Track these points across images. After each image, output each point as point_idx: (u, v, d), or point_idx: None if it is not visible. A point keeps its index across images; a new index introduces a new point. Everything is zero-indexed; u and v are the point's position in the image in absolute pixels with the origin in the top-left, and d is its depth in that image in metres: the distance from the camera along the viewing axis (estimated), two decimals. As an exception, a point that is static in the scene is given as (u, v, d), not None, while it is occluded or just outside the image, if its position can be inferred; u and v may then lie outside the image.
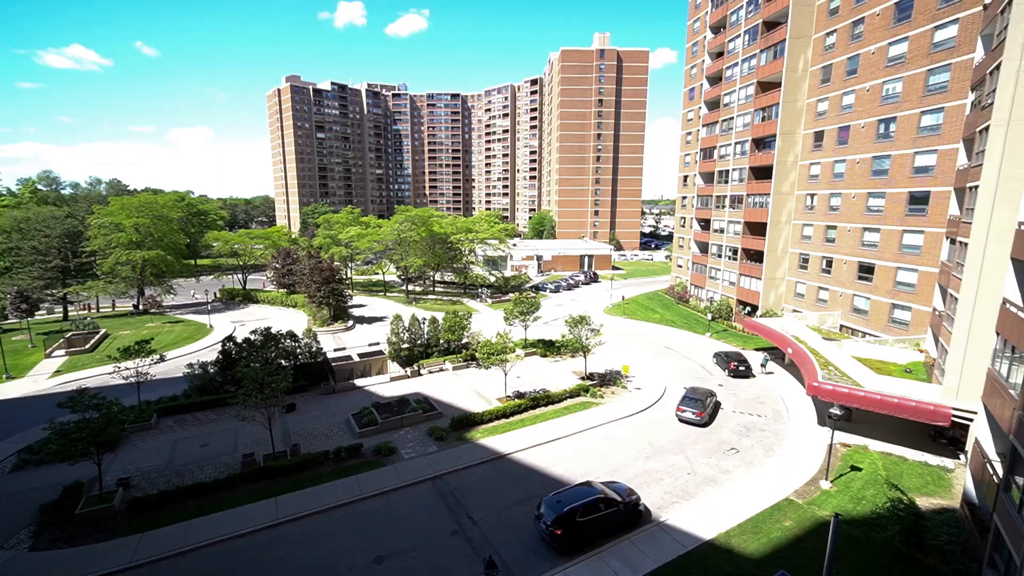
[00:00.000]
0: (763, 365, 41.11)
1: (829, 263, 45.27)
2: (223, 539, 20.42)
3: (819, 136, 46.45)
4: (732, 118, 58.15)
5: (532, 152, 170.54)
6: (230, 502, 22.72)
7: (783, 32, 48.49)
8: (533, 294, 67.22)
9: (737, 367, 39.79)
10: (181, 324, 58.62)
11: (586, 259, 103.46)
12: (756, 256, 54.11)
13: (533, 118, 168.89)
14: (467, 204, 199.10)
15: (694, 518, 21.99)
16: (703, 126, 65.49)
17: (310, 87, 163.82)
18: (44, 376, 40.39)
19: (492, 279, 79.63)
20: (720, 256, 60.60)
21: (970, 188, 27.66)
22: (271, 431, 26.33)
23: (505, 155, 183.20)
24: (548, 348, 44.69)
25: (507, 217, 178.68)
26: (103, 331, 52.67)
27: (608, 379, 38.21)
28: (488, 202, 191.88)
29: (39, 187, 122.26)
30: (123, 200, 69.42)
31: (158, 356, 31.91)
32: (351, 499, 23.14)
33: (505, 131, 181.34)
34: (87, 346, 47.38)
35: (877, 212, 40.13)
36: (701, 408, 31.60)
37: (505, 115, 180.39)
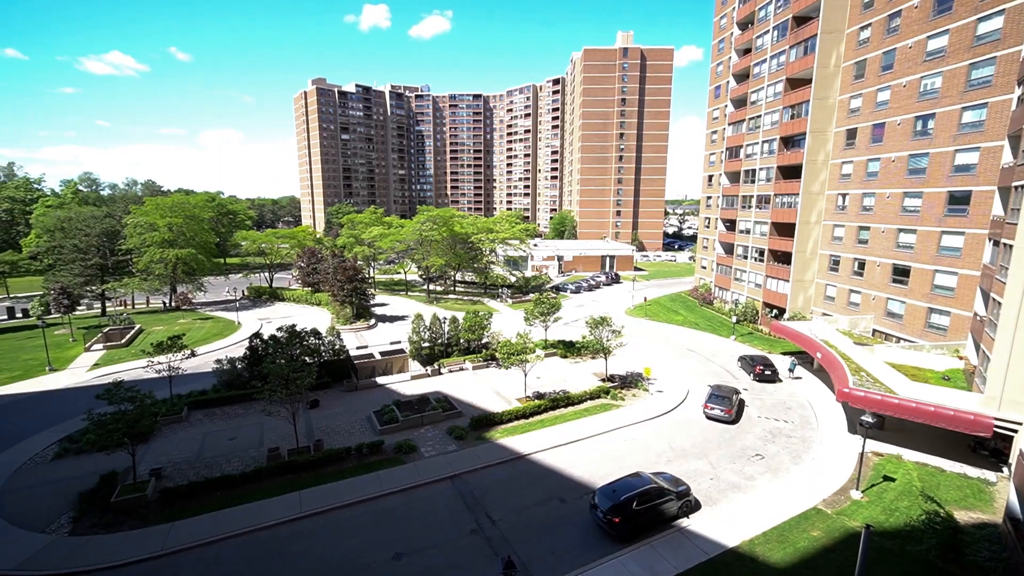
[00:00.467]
0: (790, 370, 39.97)
1: (861, 265, 43.71)
2: (249, 531, 20.95)
3: (852, 134, 44.90)
4: (759, 116, 56.74)
5: (554, 152, 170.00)
6: (256, 494, 23.28)
7: (814, 27, 47.06)
8: (553, 294, 66.96)
9: (763, 371, 38.79)
10: (211, 321, 60.48)
11: (607, 260, 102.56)
12: (784, 258, 52.66)
13: (555, 118, 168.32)
14: (488, 204, 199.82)
15: (717, 525, 21.51)
16: (729, 124, 64.10)
17: (335, 89, 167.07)
18: (83, 369, 42.21)
19: (512, 279, 79.64)
20: (746, 257, 59.21)
21: (1016, 187, 26.28)
22: (295, 426, 26.89)
23: (526, 155, 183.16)
24: (568, 349, 44.42)
25: (528, 217, 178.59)
26: (138, 326, 54.77)
27: (629, 381, 37.75)
28: (509, 202, 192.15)
29: (80, 188, 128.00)
30: (157, 200, 72.07)
31: (189, 351, 33.06)
32: (372, 495, 23.44)
33: (527, 131, 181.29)
34: (123, 341, 49.33)
35: (913, 212, 38.54)
36: (729, 405, 31.82)
37: (527, 115, 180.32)
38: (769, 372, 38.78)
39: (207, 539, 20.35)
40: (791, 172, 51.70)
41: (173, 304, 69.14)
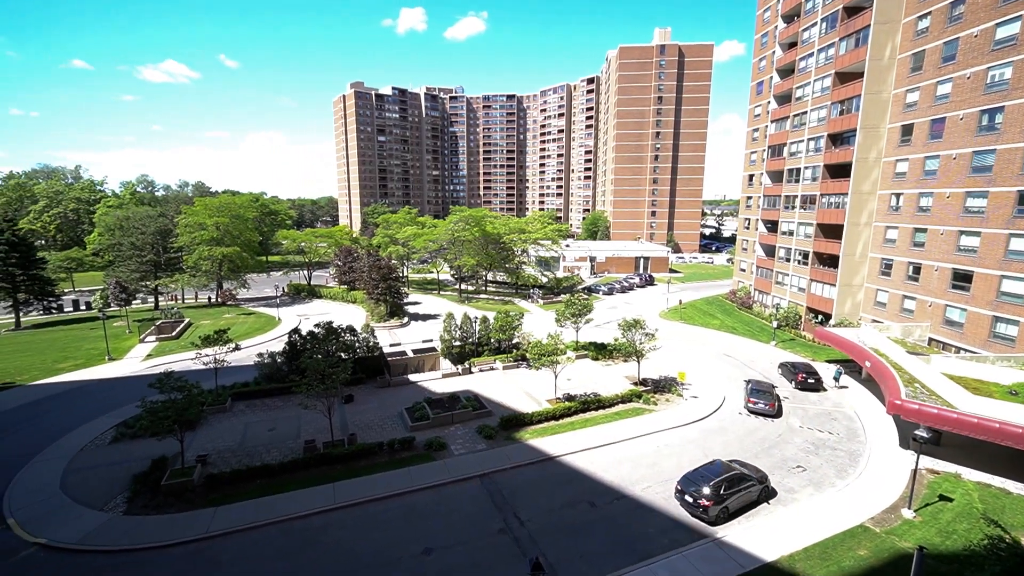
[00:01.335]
0: (836, 378, 38.03)
1: (917, 270, 41.09)
2: (286, 519, 21.68)
3: (907, 130, 42.28)
4: (805, 112, 54.28)
5: (587, 152, 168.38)
6: (293, 484, 24.08)
7: (867, 17, 44.59)
8: (585, 296, 66.17)
9: (805, 379, 37.05)
10: (253, 316, 63.12)
11: (641, 261, 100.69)
12: (830, 261, 50.17)
13: (589, 117, 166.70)
14: (520, 205, 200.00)
15: (754, 537, 20.65)
16: (772, 122, 61.63)
17: (372, 92, 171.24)
18: (138, 359, 44.90)
19: (544, 280, 79.34)
20: (788, 260, 56.78)
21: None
22: (330, 420, 27.65)
23: (560, 155, 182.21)
24: (600, 351, 43.82)
25: (560, 218, 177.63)
26: (187, 320, 57.79)
27: (663, 386, 36.85)
28: (542, 203, 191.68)
29: (137, 189, 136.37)
30: (206, 201, 75.91)
31: (234, 345, 34.52)
32: (403, 490, 23.80)
33: (560, 131, 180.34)
34: (173, 333, 52.15)
35: (977, 214, 35.89)
36: (772, 400, 33.00)
37: (560, 115, 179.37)
38: (812, 380, 37.00)
39: (248, 525, 21.19)
40: (839, 171, 49.20)
41: (219, 299, 72.59)
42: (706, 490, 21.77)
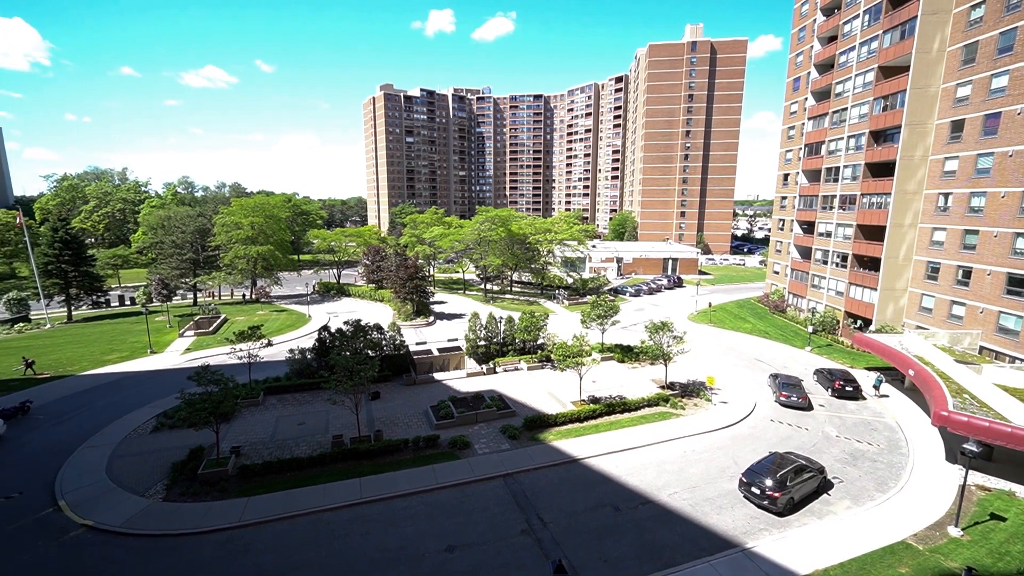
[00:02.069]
0: (875, 387, 36.33)
1: (967, 274, 38.84)
2: (315, 511, 22.20)
3: (958, 126, 40.02)
4: (845, 109, 52.11)
5: (615, 151, 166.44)
6: (321, 478, 24.64)
7: (914, 8, 42.43)
8: (612, 297, 65.42)
9: (843, 387, 35.54)
10: (285, 313, 65.00)
11: (670, 262, 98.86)
12: (871, 264, 48.00)
13: (617, 116, 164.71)
14: (547, 205, 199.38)
15: (786, 549, 19.90)
16: (809, 119, 59.45)
17: (401, 94, 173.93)
18: (177, 353, 46.87)
19: (569, 280, 78.78)
20: (825, 263, 54.62)
21: None
22: (357, 416, 28.17)
23: (587, 155, 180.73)
24: (626, 354, 43.17)
25: (587, 218, 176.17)
26: (223, 316, 59.98)
27: (691, 390, 36.01)
28: (568, 203, 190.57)
29: (179, 190, 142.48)
30: (242, 201, 78.64)
31: (266, 341, 35.64)
32: (427, 488, 24.01)
33: (587, 130, 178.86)
34: (210, 328, 54.22)
35: (1035, 214, 33.64)
36: (803, 392, 34.14)
37: (588, 114, 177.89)
38: (851, 388, 35.45)
39: (279, 516, 21.79)
40: (881, 169, 47.01)
41: (253, 296, 75.11)
42: (773, 481, 22.23)
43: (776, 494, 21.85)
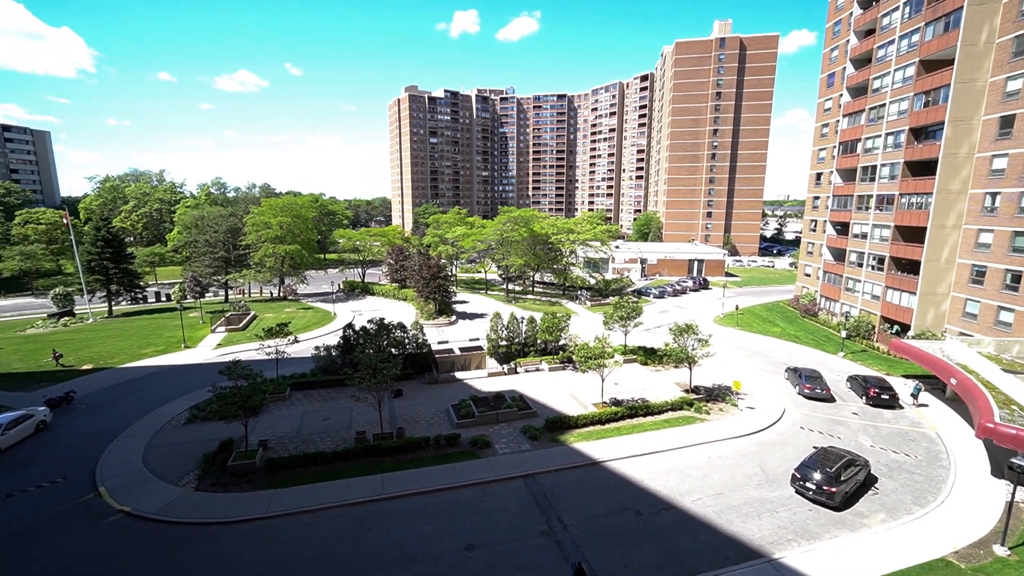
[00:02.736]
0: (914, 395, 34.76)
1: (1016, 278, 36.77)
2: (339, 505, 22.60)
3: (1007, 121, 37.93)
4: (883, 105, 50.06)
5: (640, 151, 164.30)
6: (344, 472, 25.05)
7: (959, -1, 40.44)
8: (635, 299, 64.53)
9: (878, 394, 34.12)
10: (311, 310, 66.48)
11: (695, 264, 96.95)
12: (909, 266, 45.99)
13: (642, 115, 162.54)
14: (569, 205, 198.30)
15: (815, 562, 19.19)
16: (844, 116, 57.37)
17: (425, 96, 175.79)
18: (209, 348, 48.47)
19: (592, 281, 78.10)
20: (860, 265, 52.60)
21: None
22: (380, 413, 28.55)
23: (611, 155, 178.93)
24: (649, 356, 42.49)
25: (610, 219, 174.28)
26: (252, 313, 61.75)
27: (716, 394, 35.18)
28: (591, 203, 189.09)
29: (212, 191, 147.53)
30: (271, 202, 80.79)
31: (293, 338, 36.46)
32: (447, 486, 24.14)
33: (611, 130, 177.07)
34: (240, 325, 55.88)
35: (1092, 215, 31.57)
36: (826, 384, 35.65)
37: (612, 114, 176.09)
38: (886, 396, 34.01)
39: (304, 508, 22.28)
40: (922, 168, 44.99)
41: (281, 294, 77.09)
42: (828, 475, 22.61)
43: (833, 488, 22.21)
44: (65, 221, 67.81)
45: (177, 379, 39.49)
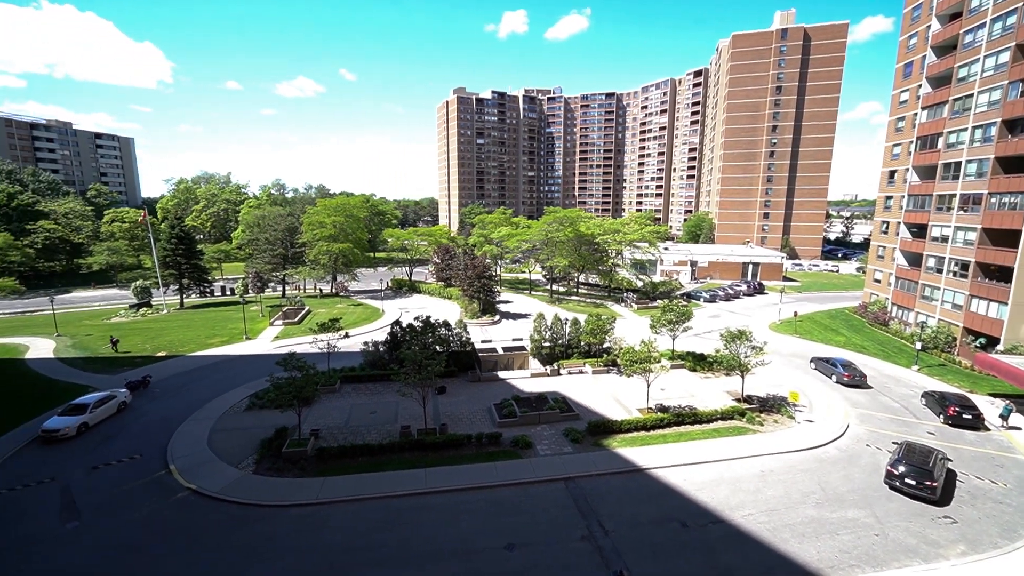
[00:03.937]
0: (1003, 416, 31.35)
1: None
2: (383, 496, 23.26)
3: (1123, 110, 33.42)
4: (970, 95, 45.56)
5: (691, 149, 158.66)
6: (388, 465, 25.76)
7: (1065, -26, 36.07)
8: (684, 302, 62.28)
9: (958, 413, 31.04)
10: (361, 307, 68.98)
11: (750, 267, 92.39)
12: (999, 273, 41.61)
13: (695, 113, 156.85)
14: (616, 205, 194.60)
15: (884, 593, 17.67)
16: (923, 108, 52.72)
17: (473, 97, 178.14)
18: (268, 340, 51.38)
19: (639, 284, 76.15)
20: (940, 271, 48.14)
21: None
22: (424, 409, 29.12)
23: (660, 153, 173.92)
24: (698, 362, 40.85)
25: (659, 219, 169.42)
26: (307, 308, 64.86)
27: (770, 405, 33.27)
28: (639, 203, 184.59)
29: (272, 192, 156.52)
30: (326, 202, 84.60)
31: (344, 333, 37.91)
32: (488, 484, 24.25)
33: (662, 128, 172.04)
34: (296, 319, 58.83)
35: None
36: (861, 372, 38.17)
37: (663, 111, 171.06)
38: (969, 416, 30.87)
39: (351, 497, 23.10)
40: (1016, 165, 40.58)
41: (333, 291, 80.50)
42: (925, 470, 23.09)
43: (933, 483, 22.53)
44: (141, 219, 73.85)
45: (239, 368, 42.10)
